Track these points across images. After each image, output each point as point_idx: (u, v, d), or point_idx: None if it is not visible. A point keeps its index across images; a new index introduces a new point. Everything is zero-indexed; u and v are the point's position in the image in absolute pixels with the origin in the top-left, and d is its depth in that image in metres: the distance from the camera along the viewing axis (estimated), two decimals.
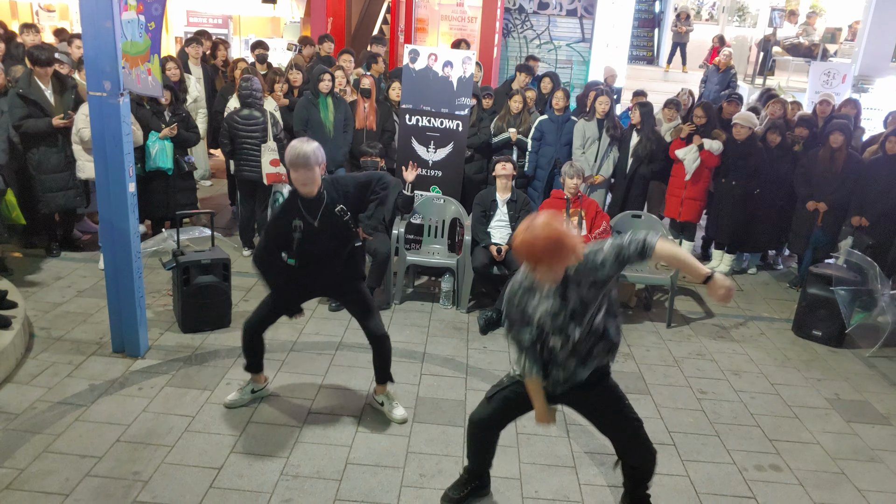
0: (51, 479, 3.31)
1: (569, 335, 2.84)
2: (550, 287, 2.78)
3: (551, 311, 2.80)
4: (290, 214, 3.59)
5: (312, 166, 3.45)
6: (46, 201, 5.79)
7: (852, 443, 4.16)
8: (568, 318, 2.81)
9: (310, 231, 3.58)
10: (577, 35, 12.10)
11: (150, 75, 4.03)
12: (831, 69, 9.99)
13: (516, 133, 6.50)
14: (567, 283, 2.78)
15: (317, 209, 3.57)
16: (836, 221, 6.25)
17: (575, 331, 2.82)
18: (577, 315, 2.81)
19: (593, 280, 2.76)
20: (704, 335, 5.51)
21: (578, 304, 2.79)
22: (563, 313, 2.80)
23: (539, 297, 2.82)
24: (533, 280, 2.81)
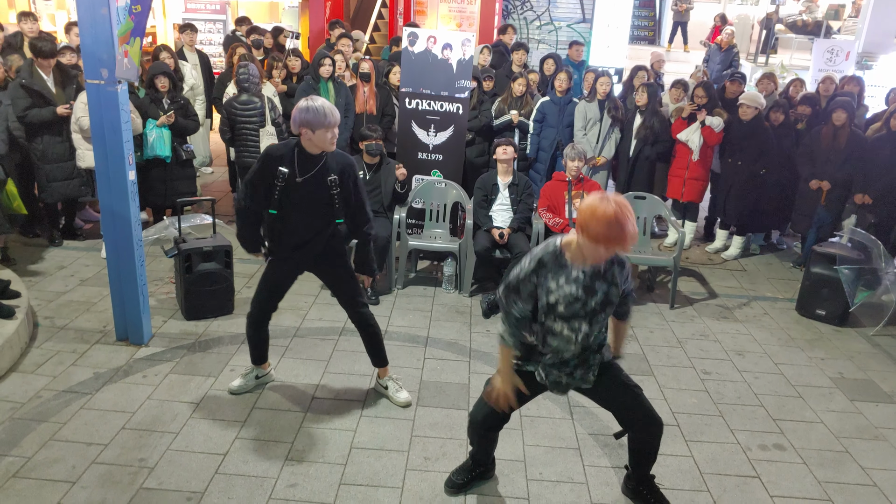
0: (57, 467, 3.34)
1: (577, 329, 2.80)
2: (580, 272, 2.73)
3: (572, 295, 2.74)
4: (282, 161, 3.52)
5: (337, 123, 3.47)
6: (51, 191, 5.80)
7: (856, 421, 4.16)
8: (584, 312, 2.78)
9: (292, 183, 3.52)
10: (578, 15, 12.00)
11: (127, 58, 3.95)
12: (834, 46, 9.89)
13: (518, 115, 6.46)
14: (598, 276, 2.76)
15: (311, 167, 3.53)
16: (840, 200, 6.22)
17: (584, 327, 2.80)
18: (594, 313, 2.79)
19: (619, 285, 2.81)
20: (708, 316, 5.51)
21: (599, 301, 2.77)
22: (582, 304, 2.76)
23: (566, 277, 2.74)
24: (566, 259, 2.74)
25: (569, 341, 2.83)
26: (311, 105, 3.40)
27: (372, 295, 5.36)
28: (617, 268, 2.80)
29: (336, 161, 3.60)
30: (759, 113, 6.32)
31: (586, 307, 2.77)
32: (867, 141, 6.11)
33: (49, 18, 11.33)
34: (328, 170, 3.56)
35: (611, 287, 2.79)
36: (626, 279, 2.87)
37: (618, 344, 3.19)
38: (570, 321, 2.79)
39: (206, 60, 7.99)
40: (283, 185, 3.52)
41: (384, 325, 5.00)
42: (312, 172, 3.54)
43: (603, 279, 2.77)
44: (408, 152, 6.18)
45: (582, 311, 2.77)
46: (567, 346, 2.86)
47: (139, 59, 4.04)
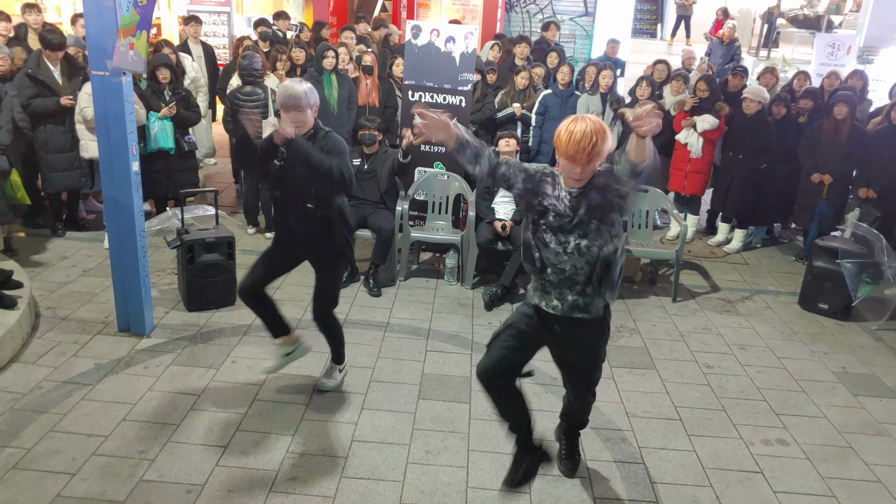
0: (57, 459, 3.33)
1: (567, 242, 2.87)
2: (569, 192, 2.85)
3: (558, 209, 2.86)
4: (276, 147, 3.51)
5: (304, 108, 3.41)
6: (52, 181, 5.80)
7: (860, 416, 4.15)
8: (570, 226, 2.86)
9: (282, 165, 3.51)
10: (580, 9, 11.97)
11: (133, 50, 3.92)
12: (836, 41, 9.84)
13: (520, 108, 6.43)
14: (582, 198, 2.84)
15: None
16: (842, 193, 6.20)
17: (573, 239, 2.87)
18: (581, 224, 2.85)
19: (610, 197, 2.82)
20: (710, 309, 5.49)
21: (584, 212, 2.83)
22: (569, 220, 2.86)
23: (554, 190, 2.88)
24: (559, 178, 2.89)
25: (559, 254, 2.90)
26: (283, 85, 3.42)
27: (374, 287, 5.35)
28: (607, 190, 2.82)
29: (331, 141, 3.53)
30: (762, 107, 6.30)
31: (572, 223, 2.85)
32: (868, 135, 6.09)
33: (55, 10, 11.28)
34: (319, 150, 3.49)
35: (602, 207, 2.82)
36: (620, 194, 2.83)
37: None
38: (556, 233, 2.89)
39: (211, 52, 7.97)
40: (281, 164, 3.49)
41: (386, 316, 4.99)
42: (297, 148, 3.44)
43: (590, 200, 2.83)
44: (410, 145, 6.15)
45: (568, 225, 2.86)
46: (560, 260, 2.90)
47: (146, 51, 4.01)
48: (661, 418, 3.99)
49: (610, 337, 4.87)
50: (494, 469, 3.45)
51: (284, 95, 3.40)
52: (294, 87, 3.40)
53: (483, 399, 4.00)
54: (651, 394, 4.23)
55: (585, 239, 2.87)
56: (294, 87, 3.40)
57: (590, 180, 2.85)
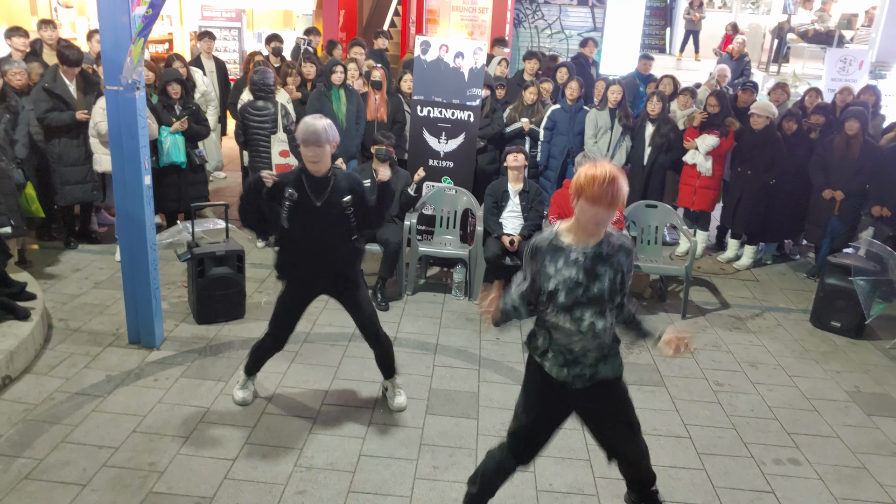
0: (68, 470, 3.35)
1: (583, 318, 2.60)
2: (580, 254, 2.59)
3: (572, 280, 2.58)
4: (290, 183, 3.53)
5: (323, 143, 3.42)
6: (64, 193, 5.86)
7: (873, 436, 4.11)
8: (586, 299, 2.59)
9: (308, 207, 3.53)
10: (589, 24, 12.00)
11: (129, 57, 3.94)
12: (847, 56, 9.84)
13: (529, 123, 6.46)
14: (601, 260, 2.60)
15: (322, 190, 3.54)
16: (854, 210, 6.16)
17: (588, 315, 2.60)
18: (599, 301, 2.60)
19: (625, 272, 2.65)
20: (720, 326, 5.46)
21: (605, 289, 2.59)
22: (584, 289, 2.59)
23: (565, 260, 2.60)
24: (562, 241, 2.63)
25: (571, 334, 2.62)
26: (305, 121, 3.45)
27: (382, 301, 5.36)
28: (623, 254, 2.63)
29: (346, 181, 3.62)
30: (770, 122, 6.29)
31: (588, 293, 2.58)
32: (881, 150, 6.06)
33: (70, 25, 11.44)
34: (340, 191, 3.57)
35: (616, 274, 2.61)
36: (629, 269, 2.68)
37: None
38: (571, 311, 2.60)
39: (223, 67, 8.06)
40: (291, 205, 3.52)
41: (393, 331, 4.99)
42: (326, 193, 3.54)
43: (607, 263, 2.60)
44: (419, 159, 6.19)
45: (584, 297, 2.58)
46: (571, 339, 2.64)
47: (139, 58, 3.99)
48: (671, 436, 3.96)
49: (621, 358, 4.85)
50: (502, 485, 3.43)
51: (305, 131, 3.42)
52: (314, 123, 3.41)
53: (491, 415, 4.00)
54: (660, 411, 4.21)
55: (601, 317, 2.62)
56: (314, 122, 3.42)
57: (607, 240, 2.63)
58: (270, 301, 4.07)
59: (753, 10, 18.68)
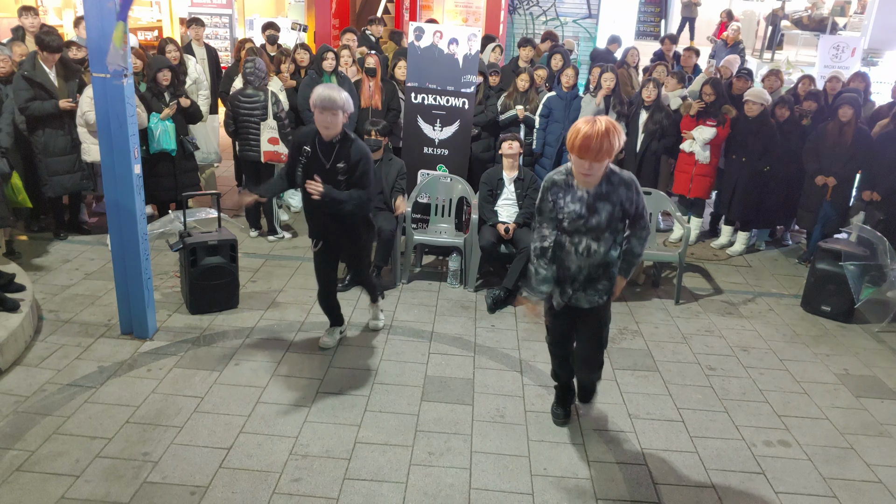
0: (61, 461, 3.34)
1: (580, 243, 3.19)
2: (585, 192, 3.14)
3: (575, 212, 3.15)
4: (306, 140, 3.90)
5: (337, 111, 3.72)
6: (52, 184, 5.80)
7: (861, 418, 4.14)
8: (585, 228, 3.16)
9: (318, 166, 3.86)
10: (584, 11, 11.97)
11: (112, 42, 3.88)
12: (840, 43, 9.83)
13: (523, 111, 6.44)
14: (601, 197, 3.14)
15: (329, 152, 3.88)
16: (845, 196, 6.19)
17: (585, 241, 3.18)
18: (597, 230, 3.16)
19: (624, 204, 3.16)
20: (713, 311, 5.49)
21: (602, 220, 3.14)
22: (584, 221, 3.15)
23: (572, 196, 3.17)
24: (572, 180, 3.17)
25: (570, 253, 3.23)
26: (317, 88, 3.73)
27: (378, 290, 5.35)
28: (623, 188, 3.15)
29: (354, 150, 3.89)
30: (764, 109, 6.29)
31: (588, 224, 3.15)
32: (873, 137, 6.07)
33: (55, 12, 11.31)
34: (340, 157, 3.86)
35: (615, 207, 3.15)
36: (634, 198, 3.18)
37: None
38: (572, 235, 3.20)
39: (214, 54, 7.98)
40: (305, 162, 3.86)
41: (389, 319, 5.00)
42: (332, 158, 3.86)
43: (607, 200, 3.14)
44: (413, 147, 6.17)
45: (584, 227, 3.16)
46: (569, 258, 3.24)
47: (120, 41, 3.92)
48: (664, 420, 3.99)
49: (612, 339, 4.90)
50: (497, 470, 3.45)
51: (320, 97, 3.68)
52: (331, 92, 3.70)
53: (486, 401, 4.02)
54: (653, 395, 4.23)
55: (596, 242, 3.18)
56: (332, 91, 3.70)
57: (607, 179, 3.13)
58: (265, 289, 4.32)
59: None
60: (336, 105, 3.69)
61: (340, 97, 3.71)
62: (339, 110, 3.72)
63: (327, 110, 3.70)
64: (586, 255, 3.21)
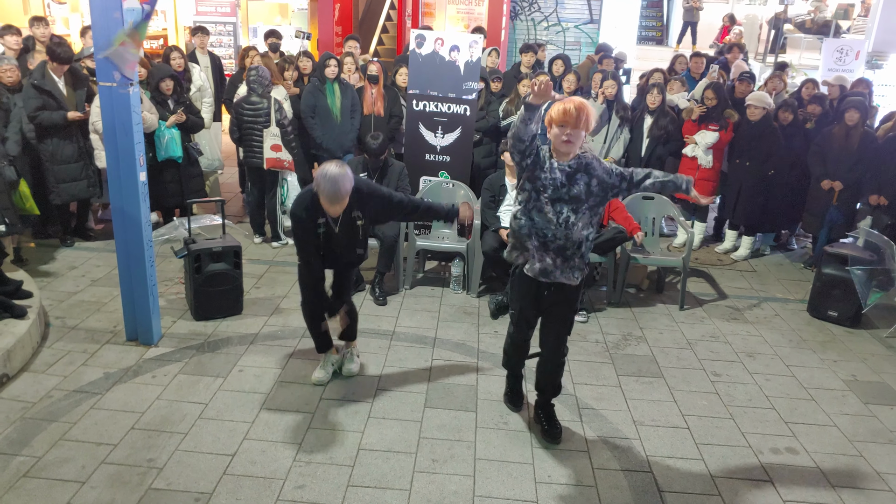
0: (67, 467, 3.35)
1: (561, 212, 3.29)
2: (566, 165, 3.28)
3: (557, 181, 3.28)
4: (315, 214, 3.73)
5: (344, 199, 3.59)
6: (59, 192, 5.84)
7: (870, 425, 4.12)
8: (567, 197, 3.28)
9: (330, 233, 3.82)
10: (585, 16, 11.98)
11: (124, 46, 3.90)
12: (844, 46, 9.82)
13: None
14: (578, 169, 3.29)
15: (337, 217, 3.77)
16: (852, 200, 6.17)
17: (568, 213, 3.29)
18: (574, 199, 3.29)
19: (600, 181, 3.31)
20: (718, 317, 5.47)
21: (581, 191, 3.29)
22: (565, 190, 3.28)
23: (550, 168, 3.30)
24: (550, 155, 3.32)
25: (550, 221, 3.31)
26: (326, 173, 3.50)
27: (380, 295, 5.36)
28: (595, 162, 3.33)
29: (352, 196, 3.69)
30: (767, 113, 6.28)
31: (570, 192, 3.29)
32: (879, 141, 6.06)
33: (63, 21, 11.40)
34: (351, 207, 3.74)
35: (591, 179, 3.30)
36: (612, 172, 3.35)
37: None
38: (554, 204, 3.30)
39: (218, 62, 8.02)
40: (325, 231, 3.78)
41: (392, 325, 4.99)
42: (342, 218, 3.77)
43: (584, 172, 3.30)
44: (415, 154, 6.18)
45: (566, 195, 3.29)
46: (548, 227, 3.31)
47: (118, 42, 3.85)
48: (669, 426, 3.97)
49: (617, 345, 4.88)
50: (501, 477, 3.44)
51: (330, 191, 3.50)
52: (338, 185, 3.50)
53: (489, 407, 4.01)
54: (658, 402, 4.21)
55: (574, 214, 3.30)
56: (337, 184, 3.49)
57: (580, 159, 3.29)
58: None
59: (750, 1, 18.64)
60: (342, 197, 3.55)
61: (346, 188, 3.53)
62: (345, 197, 3.56)
63: (338, 204, 3.58)
64: (564, 226, 3.31)
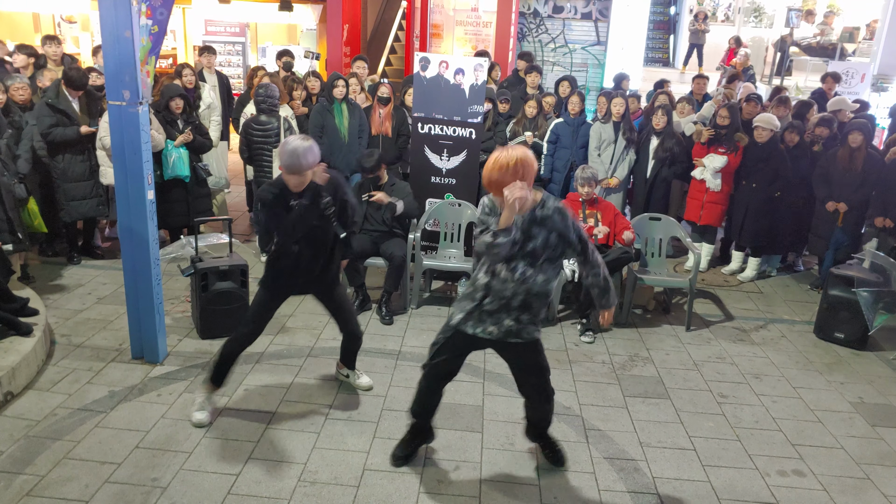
0: (71, 486, 3.34)
1: (515, 269, 3.12)
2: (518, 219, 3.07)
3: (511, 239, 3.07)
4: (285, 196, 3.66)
5: (305, 173, 3.57)
6: (69, 209, 5.89)
7: (878, 447, 4.08)
8: (522, 253, 3.10)
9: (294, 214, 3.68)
10: (593, 38, 12.06)
11: (148, 77, 4.03)
12: (850, 69, 9.85)
13: (532, 136, 6.48)
14: (535, 222, 3.11)
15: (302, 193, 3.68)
16: (857, 222, 6.16)
17: (521, 267, 3.11)
18: (534, 255, 3.11)
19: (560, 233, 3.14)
20: (724, 338, 5.44)
21: (541, 245, 3.11)
22: (521, 246, 3.10)
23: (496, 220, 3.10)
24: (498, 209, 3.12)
25: (506, 280, 3.13)
26: (286, 144, 3.52)
27: (386, 315, 5.36)
28: (557, 215, 3.14)
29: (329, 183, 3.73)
30: (773, 135, 6.30)
31: (524, 249, 3.10)
32: (884, 163, 6.06)
33: (73, 41, 11.56)
34: (321, 194, 3.70)
35: (551, 233, 3.12)
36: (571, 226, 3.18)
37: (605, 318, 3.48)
38: (509, 262, 3.13)
39: (226, 81, 8.12)
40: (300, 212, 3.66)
41: (398, 345, 4.99)
42: (308, 202, 3.68)
43: (541, 225, 3.11)
44: (421, 176, 6.19)
45: (520, 252, 3.11)
46: (505, 286, 3.14)
47: (153, 76, 4.09)
48: (675, 448, 3.94)
49: (623, 366, 4.86)
50: (507, 499, 3.42)
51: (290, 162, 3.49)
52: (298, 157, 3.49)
53: (495, 428, 3.99)
54: (665, 423, 4.19)
55: (531, 268, 3.12)
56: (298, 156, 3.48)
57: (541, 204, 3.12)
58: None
59: (756, 24, 18.75)
60: (303, 168, 3.52)
61: (307, 160, 3.51)
62: (306, 171, 3.54)
63: (296, 174, 3.54)
64: (521, 281, 3.13)
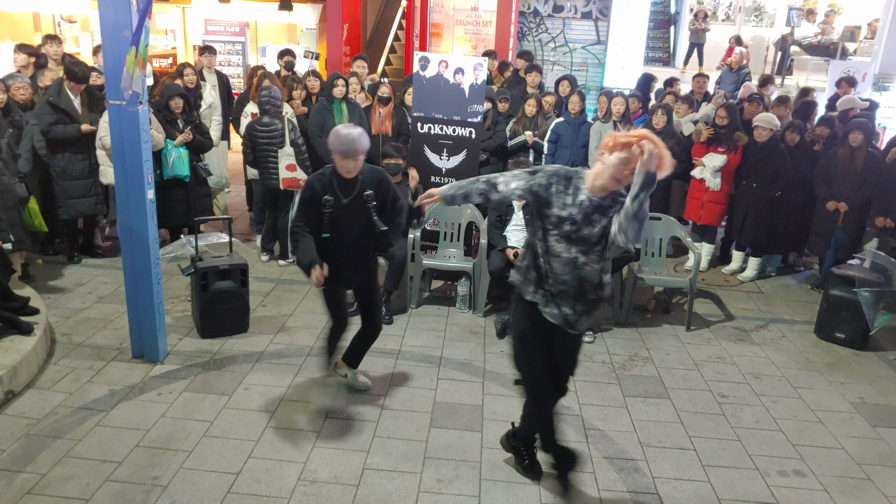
0: (71, 484, 3.34)
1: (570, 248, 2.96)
2: (588, 199, 2.92)
3: (571, 217, 2.94)
4: (325, 190, 3.76)
5: (359, 156, 3.68)
6: (67, 208, 5.89)
7: (878, 448, 4.08)
8: (575, 236, 2.95)
9: (339, 207, 3.78)
10: (593, 37, 12.06)
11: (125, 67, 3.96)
12: (851, 68, 9.84)
13: (532, 136, 6.48)
14: (600, 209, 2.94)
15: (350, 189, 3.79)
16: (858, 221, 6.15)
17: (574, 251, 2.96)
18: (586, 242, 2.96)
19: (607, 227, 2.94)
20: (724, 338, 5.44)
21: (597, 234, 2.94)
22: (576, 229, 2.95)
23: (573, 199, 2.95)
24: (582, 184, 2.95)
25: (566, 264, 2.99)
26: (339, 132, 3.65)
27: (386, 314, 5.36)
28: (618, 207, 2.92)
29: (371, 177, 3.84)
30: (774, 135, 6.30)
31: (579, 232, 2.95)
32: (884, 162, 6.06)
33: (73, 40, 11.56)
34: (365, 186, 3.81)
35: (609, 223, 2.94)
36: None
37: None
38: (568, 243, 2.98)
39: (226, 81, 8.12)
40: (331, 211, 3.75)
41: (398, 344, 4.99)
42: (353, 194, 3.79)
43: (604, 214, 2.94)
44: (420, 176, 6.18)
45: (574, 234, 2.96)
46: (565, 270, 2.99)
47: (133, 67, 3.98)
48: (675, 448, 3.94)
49: (623, 366, 4.86)
50: (506, 499, 3.42)
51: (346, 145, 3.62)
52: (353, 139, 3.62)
53: (495, 427, 3.99)
54: (665, 423, 4.19)
55: (585, 255, 2.98)
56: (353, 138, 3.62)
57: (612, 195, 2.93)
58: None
59: (757, 23, 18.74)
60: (358, 151, 3.64)
61: (362, 143, 3.65)
62: (361, 154, 3.67)
63: (352, 158, 3.65)
64: (573, 266, 2.99)
